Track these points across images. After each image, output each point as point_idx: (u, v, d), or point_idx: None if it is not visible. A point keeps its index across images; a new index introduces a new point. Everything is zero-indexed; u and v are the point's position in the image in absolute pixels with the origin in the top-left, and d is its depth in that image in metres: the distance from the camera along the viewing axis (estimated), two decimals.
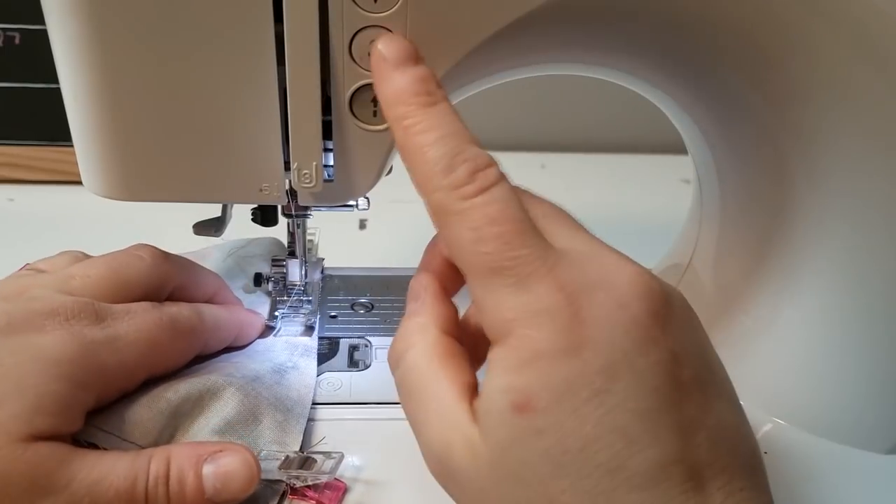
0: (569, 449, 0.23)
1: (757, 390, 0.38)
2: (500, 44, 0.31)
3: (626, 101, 0.55)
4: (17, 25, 0.63)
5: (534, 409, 0.23)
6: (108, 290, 0.33)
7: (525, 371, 0.23)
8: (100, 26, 0.29)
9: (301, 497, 0.32)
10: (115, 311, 0.32)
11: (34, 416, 0.28)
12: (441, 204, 0.25)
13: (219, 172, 0.32)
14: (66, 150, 0.63)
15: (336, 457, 0.32)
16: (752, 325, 0.38)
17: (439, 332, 0.28)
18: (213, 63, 0.30)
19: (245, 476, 0.30)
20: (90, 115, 0.31)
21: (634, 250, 0.27)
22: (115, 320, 0.31)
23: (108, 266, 0.34)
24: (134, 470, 0.29)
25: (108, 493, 0.28)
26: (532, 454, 0.23)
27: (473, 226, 0.25)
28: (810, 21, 0.31)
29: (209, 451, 0.30)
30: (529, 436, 0.23)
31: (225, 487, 0.30)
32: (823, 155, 0.33)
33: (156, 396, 0.32)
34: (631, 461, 0.22)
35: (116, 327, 0.31)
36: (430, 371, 0.26)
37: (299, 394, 0.36)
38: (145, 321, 0.32)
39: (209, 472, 0.30)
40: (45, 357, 0.29)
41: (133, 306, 0.33)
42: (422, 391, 0.26)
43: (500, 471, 0.24)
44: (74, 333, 0.30)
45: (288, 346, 0.39)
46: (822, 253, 0.35)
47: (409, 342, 0.28)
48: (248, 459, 0.30)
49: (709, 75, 0.34)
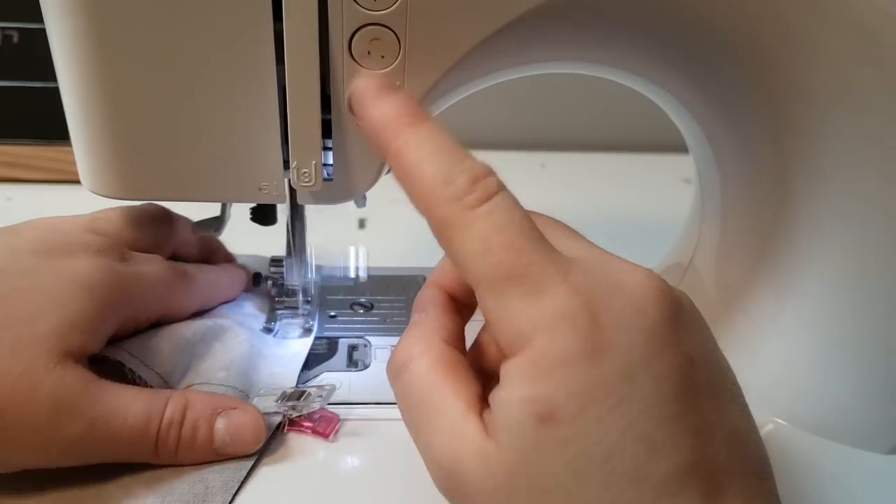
0: (593, 459, 0.22)
1: (758, 390, 0.37)
2: (501, 42, 0.30)
3: (626, 101, 0.55)
4: (15, 24, 0.63)
5: (559, 418, 0.22)
6: (129, 238, 0.36)
7: (547, 380, 0.23)
8: (98, 24, 0.29)
9: (298, 428, 0.34)
10: (136, 255, 0.35)
11: (69, 332, 0.30)
12: (444, 218, 0.25)
13: (218, 171, 0.32)
14: (65, 149, 0.63)
15: (328, 388, 0.35)
16: (753, 325, 0.38)
17: (444, 343, 0.27)
18: (212, 61, 0.30)
19: (253, 435, 0.32)
20: (88, 114, 0.31)
21: (635, 250, 0.27)
22: (138, 262, 0.35)
23: (126, 215, 0.37)
24: (150, 410, 0.31)
25: (124, 427, 0.30)
26: (555, 465, 0.22)
27: (481, 236, 0.24)
28: (813, 20, 0.31)
29: (224, 406, 0.32)
30: (554, 446, 0.22)
31: (233, 441, 0.32)
32: (825, 155, 0.33)
33: (175, 333, 0.36)
34: (655, 469, 0.22)
35: (140, 267, 0.35)
36: (435, 382, 0.26)
37: (296, 349, 0.39)
38: (162, 267, 0.36)
39: (221, 425, 0.32)
40: (80, 280, 0.31)
41: (148, 257, 0.36)
42: (426, 403, 0.26)
43: (519, 483, 0.23)
44: (106, 263, 0.33)
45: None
46: (824, 253, 0.35)
47: (412, 353, 0.27)
48: (259, 420, 0.32)
49: (711, 73, 0.34)
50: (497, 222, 0.24)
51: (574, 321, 0.23)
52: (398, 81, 0.30)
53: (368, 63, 0.30)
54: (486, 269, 0.24)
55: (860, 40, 0.30)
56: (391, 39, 0.30)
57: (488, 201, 0.24)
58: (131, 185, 0.32)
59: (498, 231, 0.24)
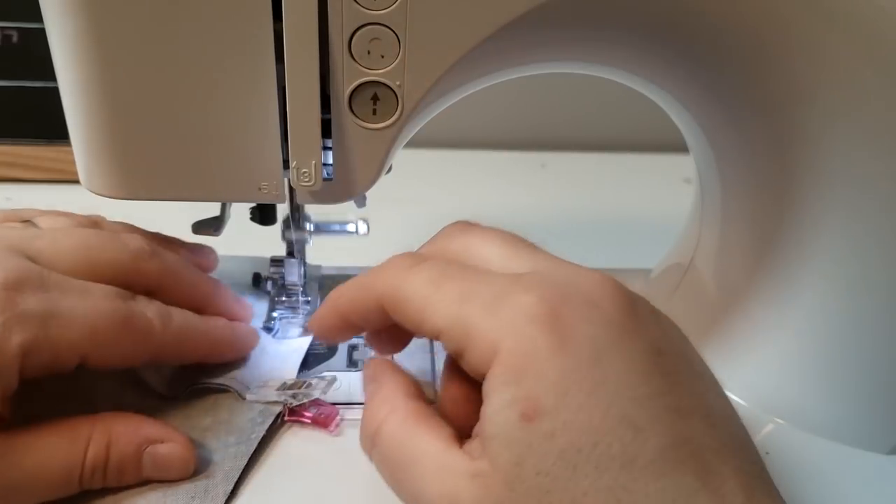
0: (582, 447, 0.23)
1: (758, 390, 0.38)
2: (501, 42, 0.30)
3: (626, 100, 0.55)
4: (14, 24, 0.62)
5: (542, 412, 0.23)
6: (73, 264, 0.30)
7: (523, 378, 0.24)
8: (97, 24, 0.29)
9: (298, 418, 0.34)
10: (67, 285, 0.29)
11: None
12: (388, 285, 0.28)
13: (217, 171, 0.32)
14: (64, 149, 0.63)
15: (328, 378, 0.35)
16: (753, 325, 0.38)
17: (408, 398, 0.28)
18: (212, 61, 0.30)
19: (182, 467, 0.31)
20: (88, 113, 0.31)
21: (635, 250, 0.27)
22: (63, 294, 0.29)
23: (84, 241, 0.31)
24: (69, 461, 0.28)
25: (41, 485, 0.28)
26: (548, 461, 0.23)
27: (427, 277, 0.27)
28: (813, 20, 0.31)
29: (150, 439, 0.30)
30: (543, 442, 0.23)
31: (161, 475, 0.30)
32: (825, 155, 0.33)
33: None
34: (643, 450, 0.22)
35: (60, 302, 0.28)
36: (410, 433, 0.26)
37: (296, 346, 0.39)
38: (95, 307, 0.29)
39: (148, 460, 0.30)
40: None
41: (92, 286, 0.30)
42: (406, 454, 0.26)
43: (518, 489, 0.23)
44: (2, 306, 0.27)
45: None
46: (824, 253, 0.35)
47: (380, 417, 0.27)
48: (187, 452, 0.31)
49: (711, 73, 0.34)
50: (439, 266, 0.27)
51: (536, 318, 0.24)
52: (398, 81, 0.30)
53: (368, 63, 0.30)
54: (442, 302, 0.26)
55: (860, 40, 0.30)
56: (391, 39, 0.30)
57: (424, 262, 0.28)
58: (131, 185, 0.32)
59: (442, 269, 0.27)
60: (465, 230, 0.30)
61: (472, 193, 0.67)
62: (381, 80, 0.31)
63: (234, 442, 0.33)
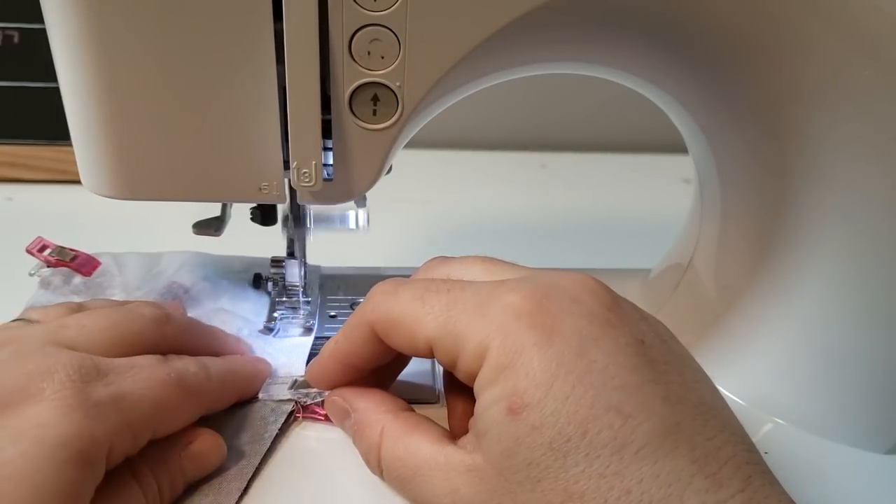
0: (571, 436, 0.23)
1: (757, 390, 0.38)
2: (500, 42, 0.30)
3: (626, 101, 0.55)
4: (15, 24, 0.63)
5: (528, 405, 0.23)
6: (108, 343, 0.29)
7: (509, 373, 0.24)
8: (98, 24, 0.29)
9: (311, 414, 0.34)
10: (117, 365, 0.28)
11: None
12: (379, 306, 0.28)
13: (218, 171, 0.32)
14: (65, 149, 0.64)
15: None
16: (752, 325, 0.38)
17: (389, 415, 0.29)
18: (212, 61, 0.30)
19: (218, 454, 0.31)
20: (89, 113, 0.31)
21: (634, 250, 0.27)
22: (119, 376, 0.28)
23: (106, 317, 0.31)
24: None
25: None
26: (537, 452, 0.23)
27: (411, 294, 0.27)
28: (809, 20, 0.31)
29: (180, 445, 0.30)
30: (530, 433, 0.23)
31: (202, 471, 0.30)
32: (824, 154, 0.33)
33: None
34: (633, 436, 0.23)
35: (121, 384, 0.27)
36: (406, 447, 0.27)
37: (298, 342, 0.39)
38: (151, 378, 0.29)
39: (188, 465, 0.30)
40: (49, 439, 0.24)
41: (137, 360, 0.29)
42: (410, 469, 0.27)
43: (511, 480, 0.24)
44: (77, 400, 0.26)
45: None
46: (823, 253, 0.35)
47: (374, 445, 0.28)
48: (213, 438, 0.31)
49: (709, 73, 0.34)
50: (422, 283, 0.28)
51: (522, 314, 0.25)
52: (398, 82, 0.31)
53: (368, 63, 0.30)
54: (428, 315, 0.27)
55: (859, 39, 0.30)
56: (391, 40, 0.30)
57: (407, 283, 0.28)
58: (131, 185, 0.32)
59: (426, 285, 0.28)
60: (444, 261, 0.31)
61: (472, 193, 0.67)
62: (382, 80, 0.31)
63: (248, 440, 0.33)
